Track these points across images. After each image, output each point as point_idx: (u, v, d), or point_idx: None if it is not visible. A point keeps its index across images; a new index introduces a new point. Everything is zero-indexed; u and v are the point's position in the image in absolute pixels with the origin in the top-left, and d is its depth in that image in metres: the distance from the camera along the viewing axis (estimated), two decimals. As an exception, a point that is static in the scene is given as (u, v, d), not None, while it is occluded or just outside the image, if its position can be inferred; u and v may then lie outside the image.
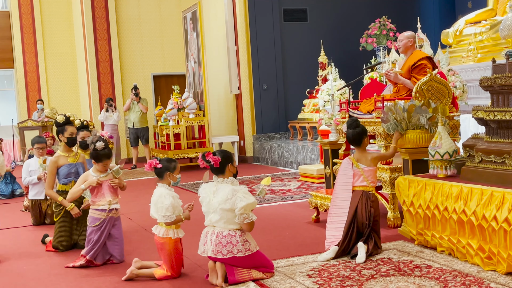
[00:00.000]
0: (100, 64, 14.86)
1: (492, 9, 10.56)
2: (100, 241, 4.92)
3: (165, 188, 4.49)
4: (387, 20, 12.59)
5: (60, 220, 5.60)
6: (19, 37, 15.86)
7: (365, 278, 4.09)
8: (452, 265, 4.27)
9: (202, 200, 4.30)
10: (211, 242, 4.18)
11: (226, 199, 4.10)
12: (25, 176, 7.04)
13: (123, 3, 15.27)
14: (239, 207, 4.07)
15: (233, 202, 4.09)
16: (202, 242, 4.29)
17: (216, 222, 4.19)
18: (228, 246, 4.12)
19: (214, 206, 4.17)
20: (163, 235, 4.44)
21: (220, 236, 4.15)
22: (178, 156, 11.89)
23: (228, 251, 4.12)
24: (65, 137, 5.70)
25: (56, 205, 5.67)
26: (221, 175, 4.25)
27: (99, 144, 4.91)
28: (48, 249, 5.64)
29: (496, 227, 3.96)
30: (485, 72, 8.71)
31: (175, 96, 12.50)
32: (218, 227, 4.19)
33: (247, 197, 4.10)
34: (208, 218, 4.26)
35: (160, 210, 4.40)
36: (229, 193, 4.11)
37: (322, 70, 11.67)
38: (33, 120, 13.96)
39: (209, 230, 4.26)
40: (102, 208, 4.94)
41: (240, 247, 4.13)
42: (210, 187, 4.27)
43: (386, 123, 5.39)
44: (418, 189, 4.81)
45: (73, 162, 5.72)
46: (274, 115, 13.20)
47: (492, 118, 4.43)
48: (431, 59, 6.31)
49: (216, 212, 4.17)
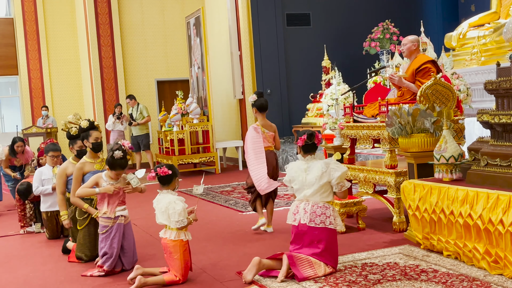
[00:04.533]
0: (104, 70, 14.90)
1: (496, 12, 10.55)
2: (114, 250, 4.85)
3: (171, 194, 4.52)
4: (390, 24, 12.60)
5: (84, 229, 5.39)
6: (23, 44, 15.91)
7: (372, 283, 4.08)
8: (459, 269, 4.26)
9: (293, 179, 4.58)
10: (304, 211, 4.44)
11: (322, 172, 4.44)
12: (37, 185, 6.55)
13: (126, 9, 15.32)
14: (335, 177, 4.43)
15: (329, 174, 4.44)
16: (292, 212, 4.53)
17: (312, 195, 4.46)
18: (322, 217, 4.40)
19: (310, 181, 4.47)
20: (175, 237, 4.46)
21: (315, 206, 4.43)
22: (182, 162, 11.90)
23: (321, 221, 4.39)
24: (90, 143, 5.47)
25: (80, 213, 5.43)
26: (309, 154, 4.58)
27: (117, 153, 4.84)
28: (71, 260, 5.45)
29: (503, 231, 3.95)
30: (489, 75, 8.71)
31: (179, 102, 12.52)
32: (312, 200, 4.45)
33: (340, 167, 4.47)
34: (302, 193, 4.52)
35: (172, 216, 4.43)
36: (323, 167, 4.46)
37: (326, 75, 11.68)
38: (38, 127, 13.98)
39: (302, 202, 4.51)
40: (108, 216, 4.92)
41: (332, 220, 4.42)
42: (299, 166, 4.58)
43: (390, 127, 5.38)
44: (423, 193, 4.80)
45: (99, 169, 5.45)
46: (278, 119, 13.19)
47: (497, 122, 4.42)
48: (435, 62, 6.30)
49: (312, 186, 4.46)
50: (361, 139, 6.16)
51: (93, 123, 5.61)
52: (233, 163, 13.62)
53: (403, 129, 5.28)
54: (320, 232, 4.39)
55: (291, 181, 4.63)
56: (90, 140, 5.48)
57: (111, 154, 4.87)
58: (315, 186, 4.44)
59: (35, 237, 6.69)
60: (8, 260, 5.68)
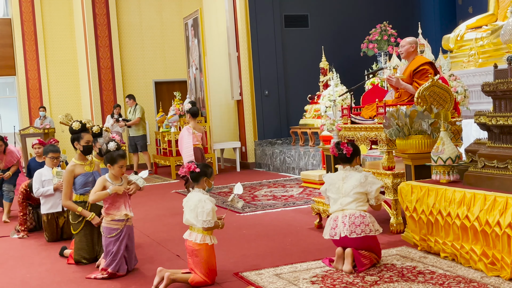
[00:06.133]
0: (102, 71, 14.89)
1: (493, 14, 10.56)
2: (120, 252, 4.77)
3: (202, 193, 4.41)
4: (388, 26, 12.61)
5: (80, 233, 5.33)
6: (20, 44, 15.90)
7: (369, 285, 4.08)
8: (456, 271, 4.26)
9: (330, 188, 4.70)
10: (344, 224, 4.52)
11: (360, 183, 4.57)
12: (38, 186, 6.40)
13: (124, 10, 15.31)
14: (373, 190, 4.58)
15: (366, 186, 4.58)
16: (331, 226, 4.60)
17: (348, 204, 4.58)
18: (361, 226, 4.50)
19: (346, 190, 4.61)
20: (201, 241, 4.33)
21: (352, 217, 4.52)
22: (179, 163, 11.89)
23: (362, 230, 4.49)
24: (81, 145, 5.42)
25: (74, 217, 5.37)
26: (348, 164, 4.72)
27: (112, 144, 4.77)
28: (69, 262, 5.38)
29: (500, 233, 3.95)
30: (486, 77, 8.71)
31: (177, 103, 12.53)
32: (348, 210, 4.56)
33: (376, 181, 4.64)
34: (338, 202, 4.63)
35: (200, 214, 4.31)
36: (362, 178, 4.60)
37: (323, 76, 11.68)
38: (35, 127, 13.96)
39: (338, 215, 4.59)
40: (119, 219, 4.80)
41: (371, 227, 4.53)
42: (337, 176, 4.73)
43: (388, 129, 5.39)
44: (421, 194, 4.80)
45: (90, 171, 5.45)
46: (276, 121, 13.21)
47: (494, 124, 4.42)
48: (433, 64, 6.31)
49: (348, 195, 4.59)
50: (359, 141, 6.16)
51: (85, 125, 5.55)
52: (231, 164, 13.61)
53: (401, 131, 5.28)
54: (363, 241, 4.51)
55: (328, 190, 4.75)
56: (81, 143, 5.43)
57: (106, 149, 4.79)
58: (351, 195, 4.58)
59: (33, 239, 6.66)
60: (5, 261, 5.67)
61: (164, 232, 6.48)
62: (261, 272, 4.60)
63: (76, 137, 5.45)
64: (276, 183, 9.94)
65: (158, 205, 8.37)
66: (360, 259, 4.45)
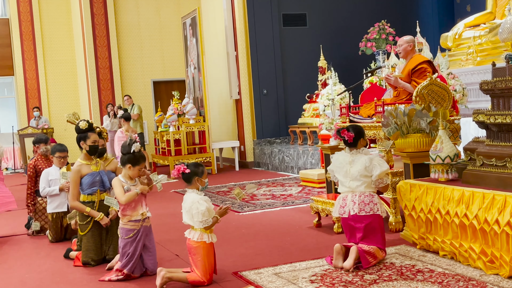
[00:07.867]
0: (100, 71, 14.89)
1: (491, 12, 10.57)
2: (137, 253, 4.67)
3: (196, 194, 4.40)
4: (386, 24, 12.62)
5: (88, 234, 5.23)
6: (18, 44, 15.89)
7: (368, 283, 4.08)
8: (455, 269, 4.26)
9: (338, 170, 4.76)
10: (353, 203, 4.61)
11: (365, 167, 4.62)
12: (44, 186, 6.33)
13: (122, 9, 15.30)
14: (374, 174, 4.60)
15: (370, 170, 4.62)
16: (340, 205, 4.69)
17: (357, 187, 4.64)
18: (370, 205, 4.59)
19: (354, 174, 4.65)
20: (198, 239, 4.33)
21: (362, 196, 4.61)
22: (178, 162, 11.88)
23: (371, 209, 4.58)
24: (87, 145, 5.32)
25: (82, 218, 5.28)
26: (354, 148, 4.73)
27: (136, 145, 4.67)
28: (76, 265, 5.26)
29: (498, 231, 3.96)
30: (485, 75, 8.72)
31: (175, 102, 12.52)
32: (359, 191, 4.63)
33: (381, 165, 4.63)
34: (346, 185, 4.70)
35: (196, 216, 4.30)
36: (367, 161, 4.62)
37: (322, 75, 11.69)
38: (33, 127, 13.96)
39: (348, 194, 4.68)
40: (136, 219, 4.69)
41: (379, 207, 4.62)
42: (344, 158, 4.75)
43: (386, 128, 5.39)
44: (419, 193, 4.81)
45: (96, 170, 5.35)
46: (274, 120, 13.20)
47: (493, 122, 4.43)
48: (431, 63, 6.32)
49: (356, 179, 4.64)
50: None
51: (92, 125, 5.48)
52: (230, 163, 13.61)
53: (399, 129, 5.29)
54: (373, 219, 4.58)
55: (335, 172, 4.82)
56: (87, 143, 5.35)
57: (128, 150, 4.67)
58: (358, 178, 4.64)
59: (33, 240, 6.65)
60: (5, 261, 5.66)
61: (163, 232, 6.48)
62: (260, 271, 4.60)
63: (83, 137, 5.37)
64: (275, 182, 9.94)
65: (157, 205, 8.37)
66: (365, 256, 4.44)
